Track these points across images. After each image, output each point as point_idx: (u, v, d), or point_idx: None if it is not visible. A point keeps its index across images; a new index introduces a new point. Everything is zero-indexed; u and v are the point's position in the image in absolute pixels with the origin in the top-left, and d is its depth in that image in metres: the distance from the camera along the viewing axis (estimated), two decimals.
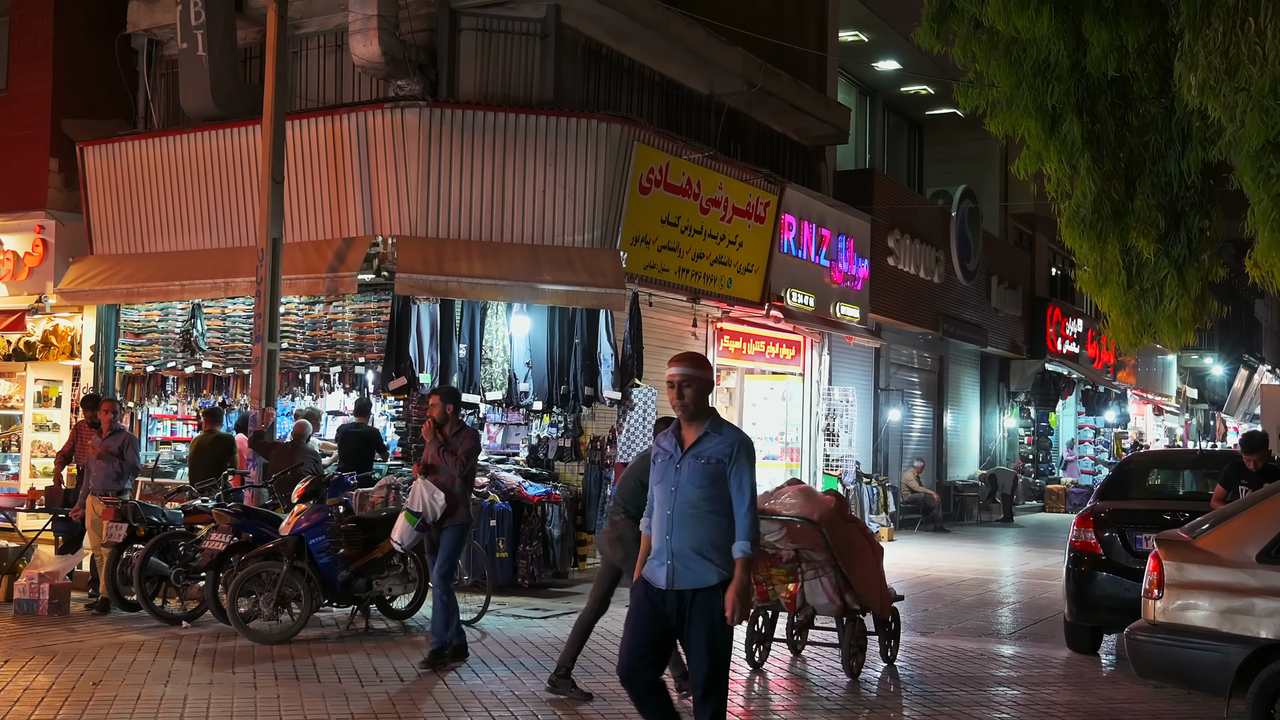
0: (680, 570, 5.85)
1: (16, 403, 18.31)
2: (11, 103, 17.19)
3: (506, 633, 11.34)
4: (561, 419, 14.90)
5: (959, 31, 10.75)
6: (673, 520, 5.90)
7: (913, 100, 28.98)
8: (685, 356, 6.02)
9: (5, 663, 9.47)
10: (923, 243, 25.01)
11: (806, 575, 9.59)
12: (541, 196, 14.65)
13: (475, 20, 15.40)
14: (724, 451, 5.89)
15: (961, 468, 29.87)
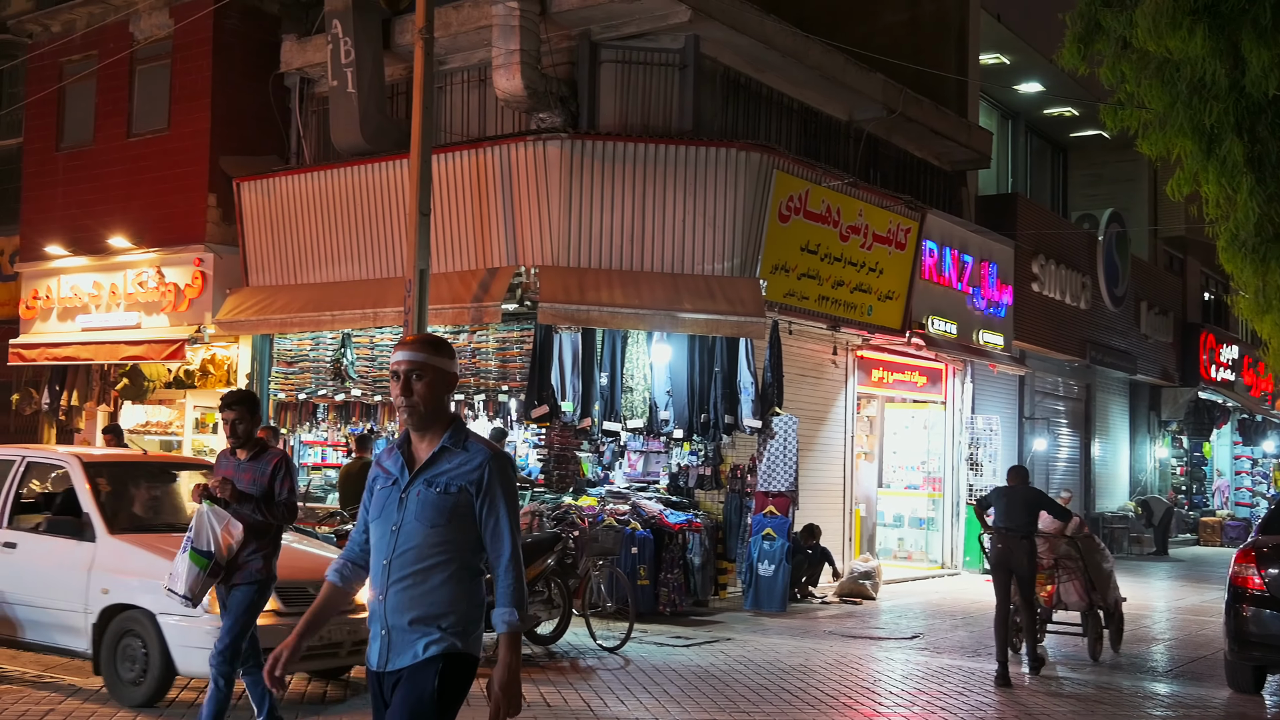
0: (396, 645, 4.17)
1: (176, 429, 18.99)
2: (173, 141, 17.94)
3: (649, 660, 11.37)
4: (702, 447, 14.93)
5: (1106, 52, 10.55)
6: (389, 573, 4.19)
7: (1056, 122, 28.46)
8: (416, 338, 4.34)
9: None
10: (1068, 268, 24.49)
11: (1061, 579, 12.31)
12: (681, 225, 14.74)
13: (615, 52, 15.61)
14: (469, 476, 4.19)
15: (1110, 499, 29.07)
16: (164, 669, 8.46)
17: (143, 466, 10.45)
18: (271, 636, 7.81)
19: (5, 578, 9.39)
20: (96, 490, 9.22)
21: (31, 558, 9.30)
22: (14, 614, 9.34)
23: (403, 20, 16.48)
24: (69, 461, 9.56)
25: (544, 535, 11.92)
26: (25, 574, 9.25)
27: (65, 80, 19.33)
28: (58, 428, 19.39)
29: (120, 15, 18.47)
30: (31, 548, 9.35)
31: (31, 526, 9.56)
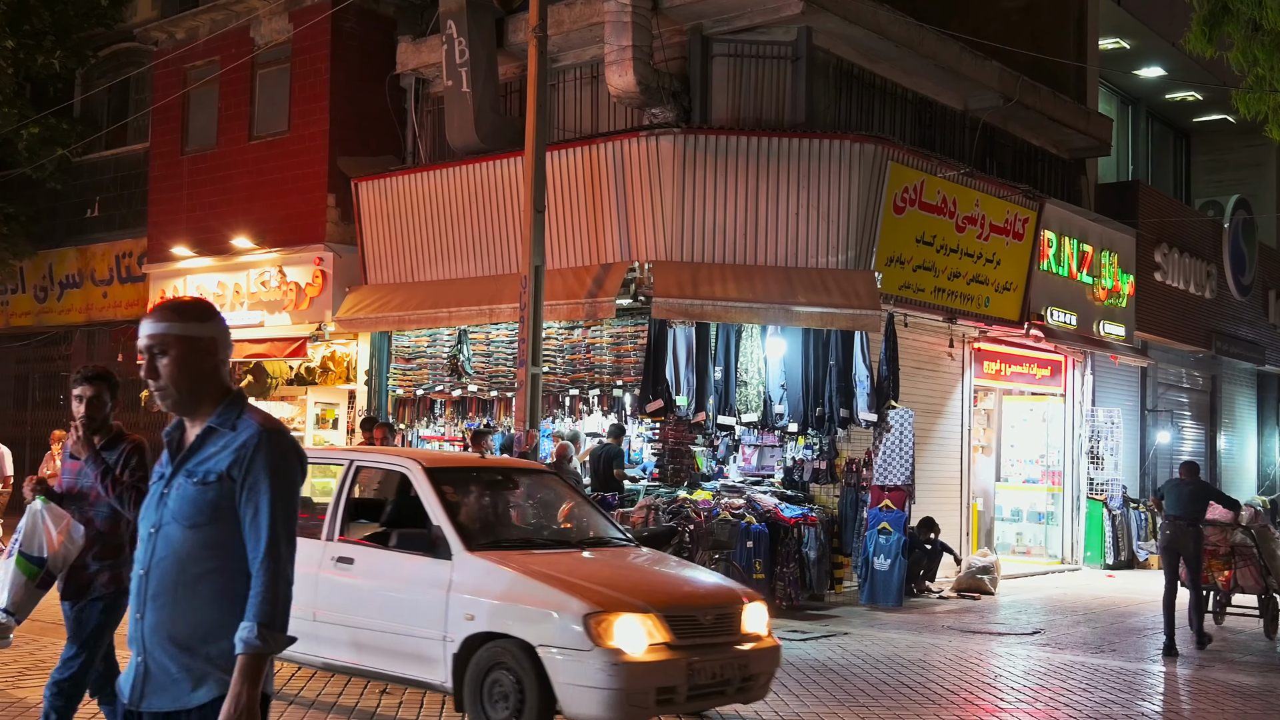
0: (153, 675, 3.40)
1: (298, 425, 19.41)
2: (293, 143, 18.34)
3: None
4: (817, 441, 14.86)
5: (1235, 35, 10.26)
6: (146, 586, 3.43)
7: (1179, 107, 27.72)
8: (157, 305, 3.66)
9: None
10: (1192, 257, 23.87)
11: (1237, 565, 13.22)
12: (795, 219, 14.68)
13: (727, 46, 15.58)
14: (230, 459, 3.41)
15: (1237, 492, 28.13)
16: (543, 710, 7.31)
17: (483, 472, 9.49)
18: (662, 673, 7.15)
19: (342, 597, 8.30)
20: (444, 499, 8.20)
21: (374, 575, 8.23)
22: (354, 639, 8.25)
23: (516, 19, 16.65)
24: (409, 466, 8.53)
25: (660, 529, 11.97)
26: (367, 594, 8.21)
27: (189, 86, 19.87)
28: None
29: (241, 21, 18.92)
30: (372, 564, 8.29)
31: (369, 538, 8.53)
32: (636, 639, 7.18)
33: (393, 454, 9.26)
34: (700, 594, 8.00)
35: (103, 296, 21.98)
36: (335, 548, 8.41)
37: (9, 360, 24.41)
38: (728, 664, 7.59)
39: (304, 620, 7.91)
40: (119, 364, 21.45)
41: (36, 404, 23.81)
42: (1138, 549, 20.55)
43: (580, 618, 7.16)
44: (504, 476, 9.49)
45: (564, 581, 7.50)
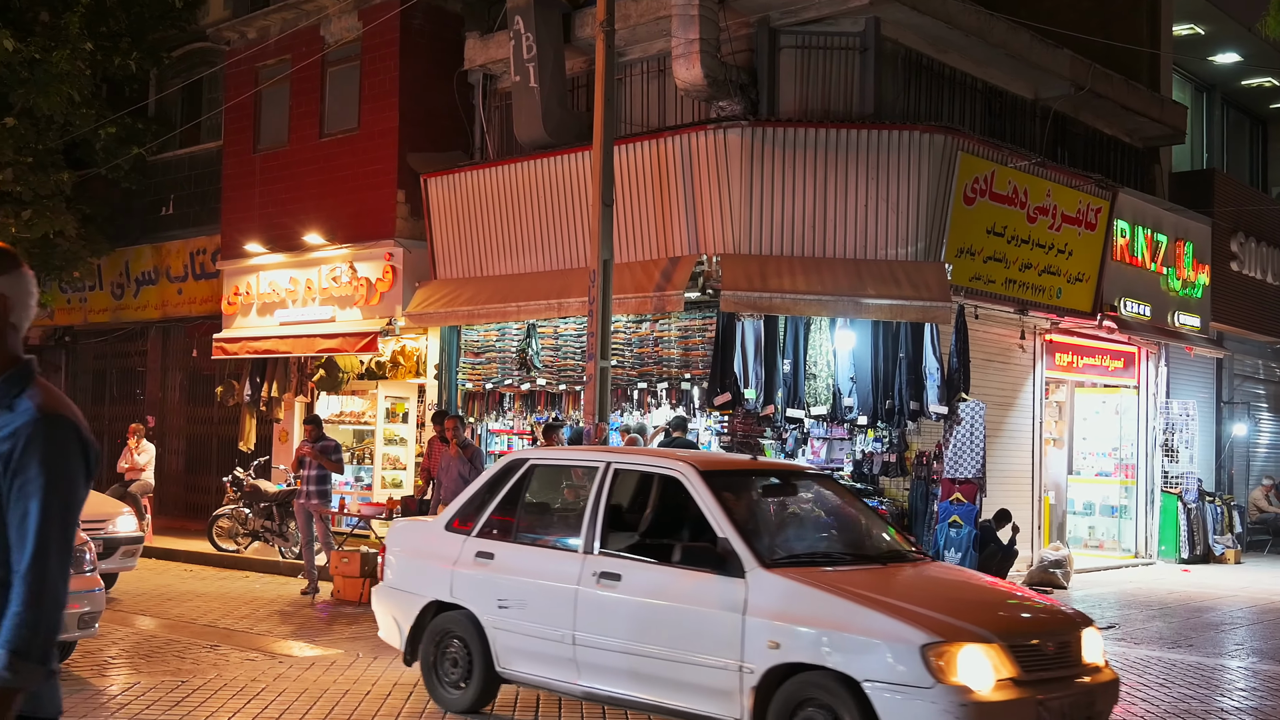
0: None
1: (369, 418, 19.64)
2: (363, 140, 18.53)
3: None
4: (886, 434, 14.79)
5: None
6: None
7: (1255, 94, 27.21)
8: None
9: (375, 659, 10.20)
10: (1270, 245, 23.45)
11: None
12: (864, 210, 14.61)
13: (794, 38, 15.53)
14: (3, 447, 2.94)
15: None
16: None
17: (760, 475, 8.68)
18: (1012, 714, 6.33)
19: (608, 618, 7.48)
20: (728, 508, 7.31)
21: (647, 594, 7.36)
22: (623, 666, 7.38)
23: (582, 14, 16.70)
24: (682, 470, 7.60)
25: None
26: (639, 615, 7.36)
27: (261, 85, 20.12)
28: (258, 419, 20.23)
29: (312, 20, 19.13)
30: (644, 580, 7.40)
31: (636, 551, 7.62)
32: (983, 674, 6.31)
33: (655, 456, 8.39)
34: (1039, 619, 7.15)
35: (177, 293, 22.35)
36: (597, 562, 7.58)
37: (87, 356, 24.90)
38: (1075, 702, 6.67)
39: (560, 644, 7.62)
40: (194, 360, 21.85)
41: (113, 399, 24.27)
42: (1213, 543, 20.23)
43: (918, 649, 6.28)
44: (782, 479, 8.55)
45: (889, 605, 6.63)
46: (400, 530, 9.36)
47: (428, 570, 8.63)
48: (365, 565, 13.63)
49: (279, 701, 8.59)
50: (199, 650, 10.60)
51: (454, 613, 8.37)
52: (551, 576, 7.82)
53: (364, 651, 10.56)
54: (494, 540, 8.31)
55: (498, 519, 8.41)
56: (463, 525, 8.53)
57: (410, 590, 8.72)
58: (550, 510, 9.01)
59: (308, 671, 9.68)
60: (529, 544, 8.23)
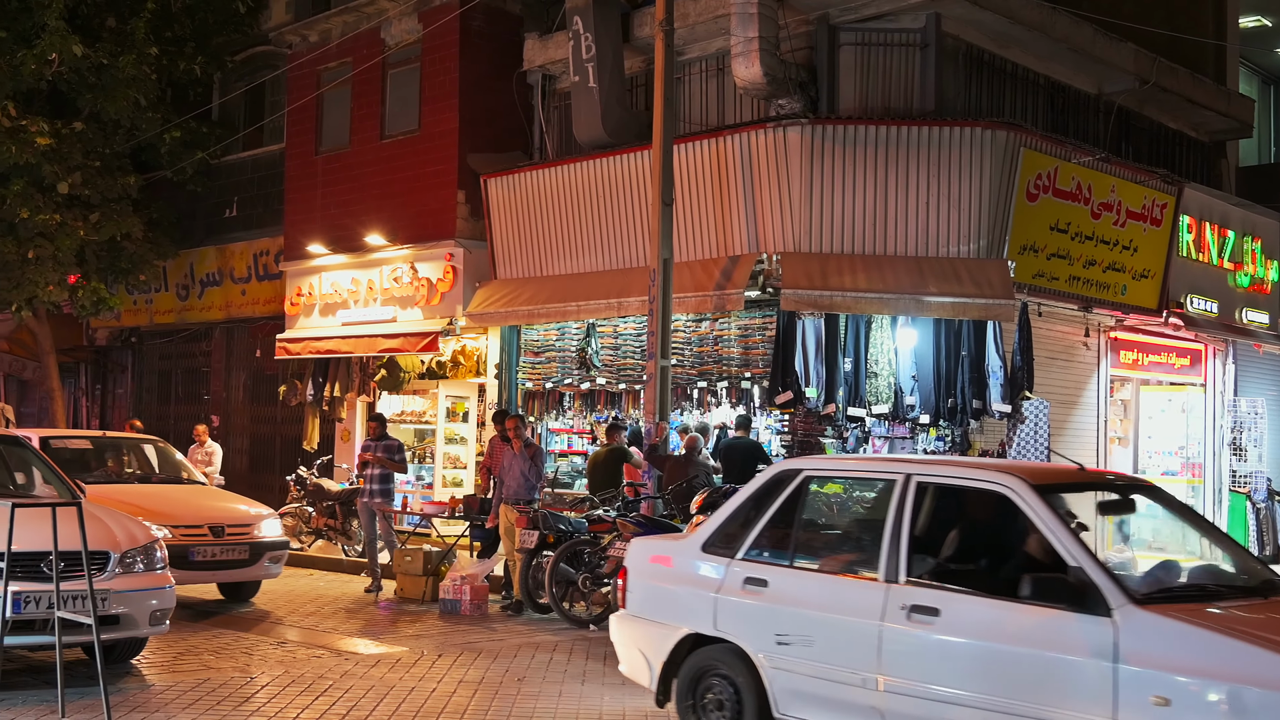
0: None
1: (429, 418, 19.77)
2: (424, 141, 18.66)
3: None
4: (949, 432, 14.69)
5: None
6: None
7: None
8: None
9: (440, 657, 10.29)
10: None
11: None
12: (925, 208, 14.53)
13: (854, 35, 15.46)
14: None
15: None
16: None
17: (1094, 487, 7.64)
18: None
19: (924, 660, 6.47)
20: (1074, 530, 6.36)
21: (975, 633, 6.29)
22: (945, 718, 6.36)
23: (641, 13, 16.72)
24: (1009, 483, 6.58)
25: None
26: (966, 658, 6.31)
27: (322, 87, 20.32)
28: (321, 418, 20.44)
29: (372, 23, 19.30)
30: (969, 617, 6.34)
31: (954, 580, 6.57)
32: None
33: (969, 467, 7.24)
34: None
35: (241, 294, 22.62)
36: (904, 593, 6.53)
37: (153, 356, 25.26)
38: None
39: (860, 689, 6.61)
40: (258, 360, 22.11)
41: (179, 399, 24.60)
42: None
43: None
44: (1120, 494, 7.39)
45: None
46: (643, 549, 8.20)
47: (683, 597, 7.55)
48: (428, 563, 13.74)
49: (346, 698, 8.68)
50: (266, 647, 10.73)
51: (717, 647, 7.32)
52: (845, 609, 6.76)
53: (428, 649, 10.65)
54: (765, 564, 7.25)
55: (769, 539, 7.37)
56: (724, 546, 7.46)
57: (661, 620, 7.68)
58: (835, 529, 8.01)
59: (373, 669, 9.77)
60: (811, 569, 7.18)
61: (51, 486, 10.16)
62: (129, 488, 13.43)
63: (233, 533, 12.80)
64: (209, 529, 12.66)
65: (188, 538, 12.38)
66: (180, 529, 12.29)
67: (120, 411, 25.24)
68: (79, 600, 8.21)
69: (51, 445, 13.48)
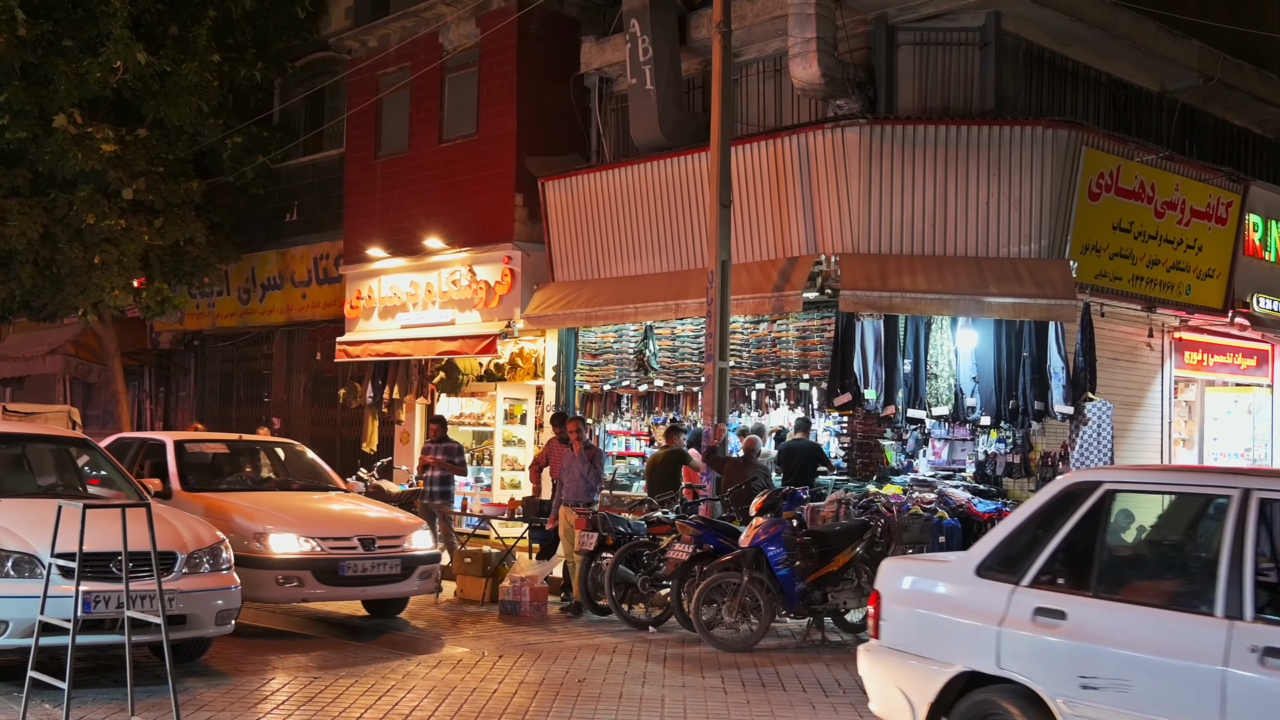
0: None
1: (488, 420, 19.87)
2: (481, 145, 18.76)
3: None
4: (1010, 434, 14.56)
5: None
6: None
7: None
8: None
9: (500, 658, 10.34)
10: None
11: None
12: (985, 208, 14.41)
13: (912, 34, 15.37)
14: None
15: None
16: None
17: None
18: None
19: None
20: None
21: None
22: None
23: (698, 15, 16.71)
24: None
25: (852, 523, 11.92)
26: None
27: (381, 92, 20.49)
28: (380, 420, 20.60)
29: (431, 28, 19.43)
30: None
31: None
32: None
33: None
34: None
35: (302, 297, 22.86)
36: (1253, 632, 5.49)
37: (215, 359, 25.59)
38: None
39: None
40: (318, 362, 22.33)
41: (241, 401, 24.90)
42: None
43: None
44: None
45: None
46: (899, 571, 7.18)
47: (956, 629, 6.57)
48: (487, 565, 13.81)
49: (409, 699, 8.74)
50: (329, 648, 10.82)
51: (1000, 688, 6.34)
52: (1173, 650, 5.72)
53: (489, 650, 10.70)
54: (1061, 593, 6.26)
55: (1062, 562, 6.41)
56: (1005, 570, 6.49)
57: (926, 655, 6.70)
58: (1148, 552, 7.09)
59: (435, 669, 9.84)
60: (1123, 600, 6.14)
61: (119, 488, 10.33)
62: (268, 496, 12.41)
63: (384, 545, 11.59)
64: (359, 541, 11.48)
65: (337, 550, 11.32)
66: (328, 541, 11.33)
67: (183, 414, 25.58)
68: (147, 600, 8.33)
69: (186, 450, 12.80)
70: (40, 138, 19.38)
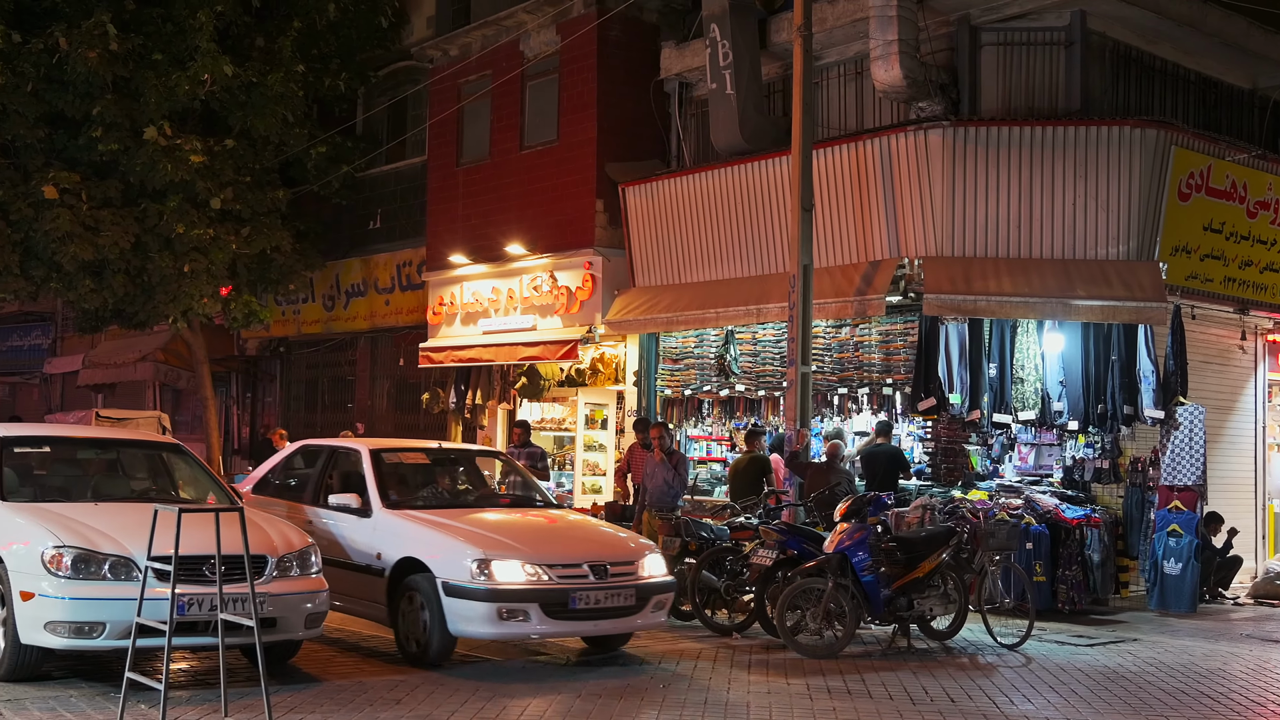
0: None
1: (569, 425, 19.95)
2: (562, 151, 18.86)
3: (1051, 659, 11.02)
4: (1098, 439, 14.33)
5: None
6: None
7: None
8: None
9: (584, 660, 10.35)
10: None
11: None
12: (1072, 209, 14.22)
13: (996, 35, 15.21)
14: None
15: None
16: None
17: None
18: None
19: None
20: None
21: None
22: None
23: (778, 19, 16.67)
24: None
25: (938, 529, 11.79)
26: None
27: (463, 100, 20.68)
28: (463, 425, 20.77)
29: (511, 36, 19.58)
30: None
31: None
32: None
33: None
34: None
35: (385, 304, 23.11)
36: None
37: (300, 365, 25.96)
38: None
39: None
40: (401, 368, 22.56)
41: (326, 406, 25.24)
42: None
43: None
44: None
45: None
46: None
47: None
48: None
49: (495, 701, 8.78)
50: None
51: None
52: None
53: (572, 654, 10.72)
54: None
55: None
56: None
57: None
58: None
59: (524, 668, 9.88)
60: None
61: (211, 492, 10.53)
62: (480, 514, 10.96)
63: (617, 572, 10.04)
64: (589, 568, 9.93)
65: (566, 580, 9.78)
66: (557, 568, 9.80)
67: (270, 419, 25.98)
68: (239, 603, 8.46)
69: (384, 460, 11.32)
70: (131, 149, 19.82)
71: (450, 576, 9.60)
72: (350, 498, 10.66)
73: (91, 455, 11.06)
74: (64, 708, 8.16)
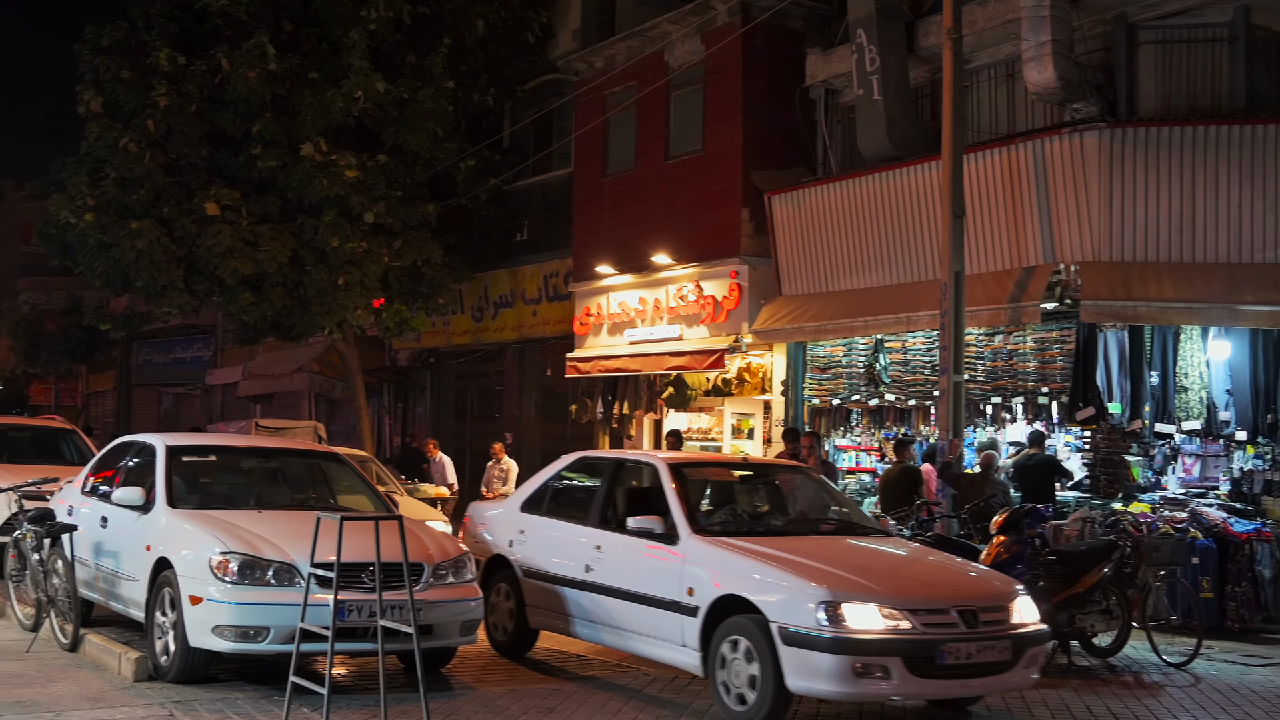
0: None
1: (715, 434, 19.90)
2: (707, 161, 18.86)
3: (1222, 679, 10.61)
4: (1269, 449, 13.77)
5: None
6: None
7: None
8: None
9: None
10: None
11: None
12: (1237, 211, 13.71)
13: (1154, 32, 14.76)
14: None
15: None
16: None
17: None
18: None
19: None
20: None
21: None
22: None
23: (925, 23, 16.43)
24: None
25: (1100, 543, 11.43)
26: None
27: (608, 112, 20.82)
28: (611, 435, 20.88)
29: (656, 46, 19.65)
30: None
31: None
32: None
33: None
34: None
35: (532, 315, 23.38)
36: None
37: (450, 376, 26.42)
38: None
39: None
40: (548, 378, 22.79)
41: (474, 416, 25.63)
42: None
43: None
44: None
45: None
46: None
47: None
48: None
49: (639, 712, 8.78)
50: (566, 658, 10.97)
51: None
52: None
53: None
54: None
55: None
56: None
57: None
58: None
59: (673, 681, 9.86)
60: None
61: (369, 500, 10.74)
62: (808, 543, 9.21)
63: (988, 620, 8.18)
64: (957, 613, 8.09)
65: (933, 629, 7.95)
66: (921, 614, 7.98)
67: (419, 430, 26.46)
68: (397, 610, 8.60)
69: (688, 477, 9.72)
70: (289, 166, 20.42)
71: (789, 621, 7.86)
72: (652, 520, 9.11)
73: (255, 464, 11.37)
74: (231, 710, 8.40)
